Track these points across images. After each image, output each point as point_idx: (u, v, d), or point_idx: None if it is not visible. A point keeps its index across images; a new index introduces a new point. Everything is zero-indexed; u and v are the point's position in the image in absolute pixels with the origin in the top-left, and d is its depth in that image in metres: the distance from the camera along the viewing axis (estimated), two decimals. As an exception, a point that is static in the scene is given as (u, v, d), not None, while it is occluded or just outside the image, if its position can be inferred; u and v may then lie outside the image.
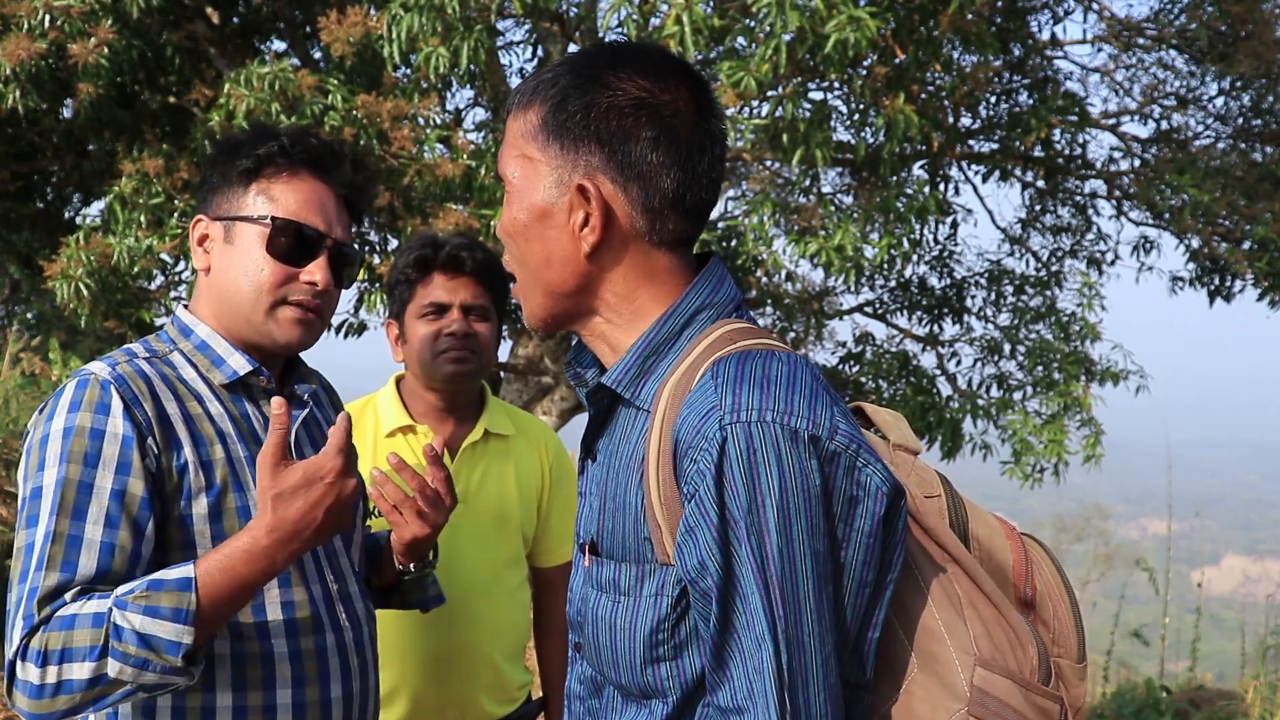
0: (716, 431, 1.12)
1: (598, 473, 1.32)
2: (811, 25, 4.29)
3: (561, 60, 1.31)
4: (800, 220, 5.44)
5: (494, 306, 2.43)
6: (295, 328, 1.72)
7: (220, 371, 1.71)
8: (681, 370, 1.22)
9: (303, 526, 1.53)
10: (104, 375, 1.60)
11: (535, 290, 1.31)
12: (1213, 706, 6.08)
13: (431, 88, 5.27)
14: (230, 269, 1.72)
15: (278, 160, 1.73)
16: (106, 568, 1.51)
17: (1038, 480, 6.44)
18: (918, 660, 1.19)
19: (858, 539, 1.14)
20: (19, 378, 7.06)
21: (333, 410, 1.98)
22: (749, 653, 1.12)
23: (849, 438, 1.15)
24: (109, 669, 1.45)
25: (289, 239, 1.70)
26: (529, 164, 1.28)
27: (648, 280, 1.28)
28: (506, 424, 2.50)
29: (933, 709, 1.17)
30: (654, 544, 1.20)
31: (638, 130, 1.24)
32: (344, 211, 1.80)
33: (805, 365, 1.20)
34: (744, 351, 1.20)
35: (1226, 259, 6.89)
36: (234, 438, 1.68)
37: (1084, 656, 1.33)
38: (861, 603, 1.16)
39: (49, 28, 4.81)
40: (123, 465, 1.55)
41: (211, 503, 1.63)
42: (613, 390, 1.28)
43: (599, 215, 1.24)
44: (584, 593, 1.31)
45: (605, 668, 1.27)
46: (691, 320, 1.27)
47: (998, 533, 1.34)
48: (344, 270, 1.79)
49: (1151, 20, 7.18)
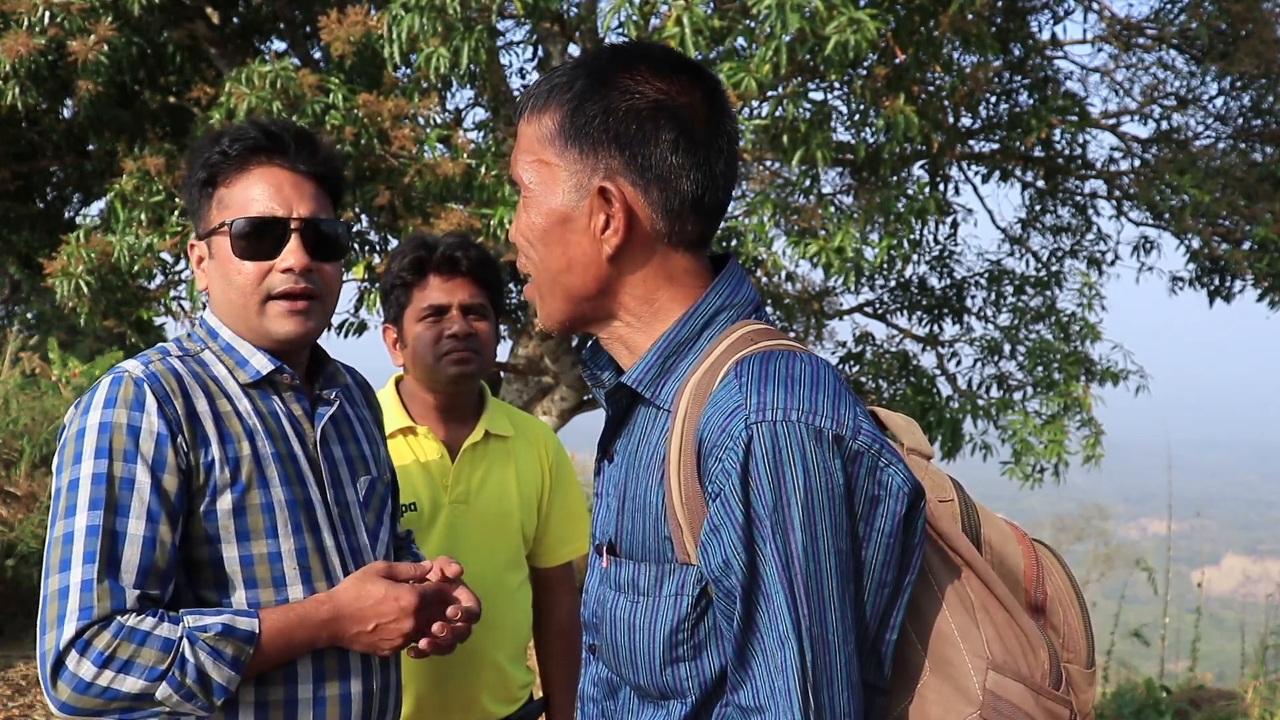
0: (742, 430, 1.12)
1: (615, 474, 1.32)
2: (812, 26, 4.29)
3: (573, 63, 1.29)
4: (800, 221, 5.44)
5: (491, 304, 2.43)
6: (289, 319, 1.72)
7: (245, 372, 1.74)
8: (703, 370, 1.22)
9: (357, 625, 1.66)
10: (138, 373, 1.65)
11: (555, 294, 1.30)
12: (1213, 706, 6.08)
13: (432, 88, 5.28)
14: (218, 281, 1.75)
15: (225, 163, 1.74)
16: (149, 563, 1.56)
17: (1038, 480, 6.44)
18: (931, 663, 1.19)
19: (878, 539, 1.14)
20: (19, 377, 7.07)
21: (367, 408, 1.98)
22: (772, 651, 1.12)
23: (871, 438, 1.15)
24: (159, 692, 1.52)
25: (250, 235, 1.70)
26: (546, 169, 1.27)
27: (667, 282, 1.28)
28: (506, 424, 2.50)
29: (945, 712, 1.18)
30: (674, 543, 1.20)
31: (657, 133, 1.23)
32: (312, 187, 1.76)
33: (827, 366, 1.20)
34: (767, 351, 1.20)
35: (1226, 259, 6.90)
36: (261, 435, 1.70)
37: (1093, 662, 1.33)
38: (880, 603, 1.16)
39: (49, 24, 4.81)
40: (159, 462, 1.60)
41: (236, 498, 1.66)
42: (632, 390, 1.28)
43: (621, 218, 1.24)
44: (601, 594, 1.31)
45: (623, 668, 1.27)
46: (712, 321, 1.27)
47: (1009, 538, 1.34)
48: (326, 246, 1.76)
49: (1151, 20, 7.19)
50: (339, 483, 1.79)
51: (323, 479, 1.77)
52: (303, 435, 1.77)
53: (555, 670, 2.60)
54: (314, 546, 1.72)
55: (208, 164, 1.74)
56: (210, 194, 1.75)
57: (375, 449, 1.93)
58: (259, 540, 1.67)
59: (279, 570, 1.68)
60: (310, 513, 1.73)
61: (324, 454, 1.78)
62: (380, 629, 1.66)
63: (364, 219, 5.77)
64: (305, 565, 1.70)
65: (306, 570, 1.70)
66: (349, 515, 1.80)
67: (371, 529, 1.84)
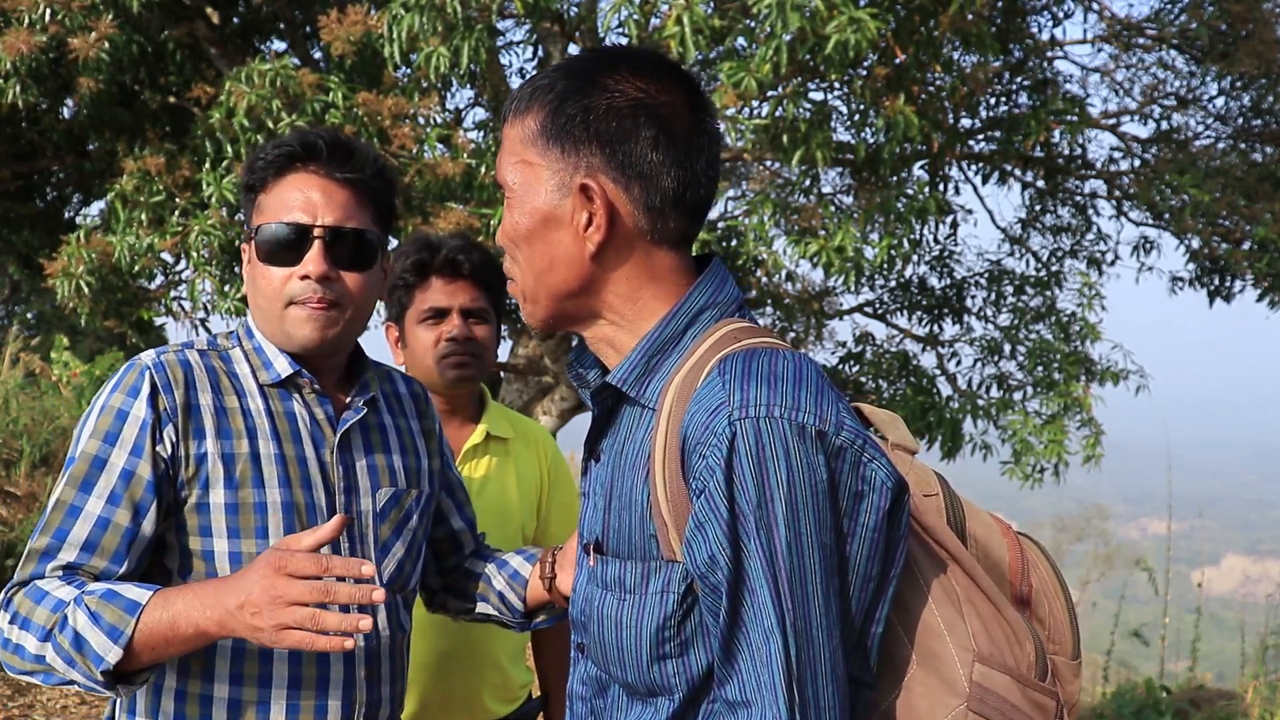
0: (726, 427, 1.13)
1: (601, 472, 1.33)
2: (812, 26, 4.29)
3: (556, 66, 1.31)
4: (800, 220, 5.44)
5: (493, 307, 2.43)
6: (307, 325, 1.72)
7: (268, 373, 1.75)
8: (686, 368, 1.23)
9: (233, 599, 1.46)
10: (147, 360, 1.69)
11: (539, 294, 1.31)
12: (1213, 706, 6.08)
13: (432, 87, 5.28)
14: (251, 285, 1.79)
15: (265, 169, 1.77)
16: (96, 540, 1.59)
17: (1038, 480, 6.45)
18: (917, 657, 1.20)
19: (862, 533, 1.15)
20: (19, 377, 7.07)
21: (417, 419, 1.93)
22: (757, 646, 1.12)
23: (854, 433, 1.16)
24: (47, 653, 1.54)
25: (274, 242, 1.72)
26: (529, 169, 1.28)
27: (650, 280, 1.29)
28: (506, 426, 2.51)
29: (932, 705, 1.19)
30: (660, 541, 1.21)
31: (637, 130, 1.24)
32: (345, 195, 1.77)
33: (810, 362, 1.21)
34: (750, 349, 1.21)
35: (1226, 259, 6.90)
36: (267, 435, 1.70)
37: (1078, 653, 1.34)
38: (865, 597, 1.17)
39: (49, 22, 4.82)
40: (137, 447, 1.62)
41: (229, 495, 1.66)
42: (617, 389, 1.29)
43: (603, 214, 1.25)
44: (588, 592, 1.31)
45: (611, 666, 1.28)
46: (695, 319, 1.28)
47: (994, 531, 1.35)
48: (351, 254, 1.75)
49: (1152, 20, 7.19)
50: (354, 491, 1.76)
51: (334, 486, 1.73)
52: (321, 440, 1.75)
53: (553, 670, 2.60)
54: None
55: (251, 169, 1.79)
56: (252, 200, 1.79)
57: (414, 461, 1.87)
58: (249, 539, 1.65)
59: None
60: (306, 518, 1.69)
61: (341, 460, 1.76)
62: (262, 609, 1.43)
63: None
64: None
65: None
66: (358, 525, 1.76)
67: (385, 542, 1.78)
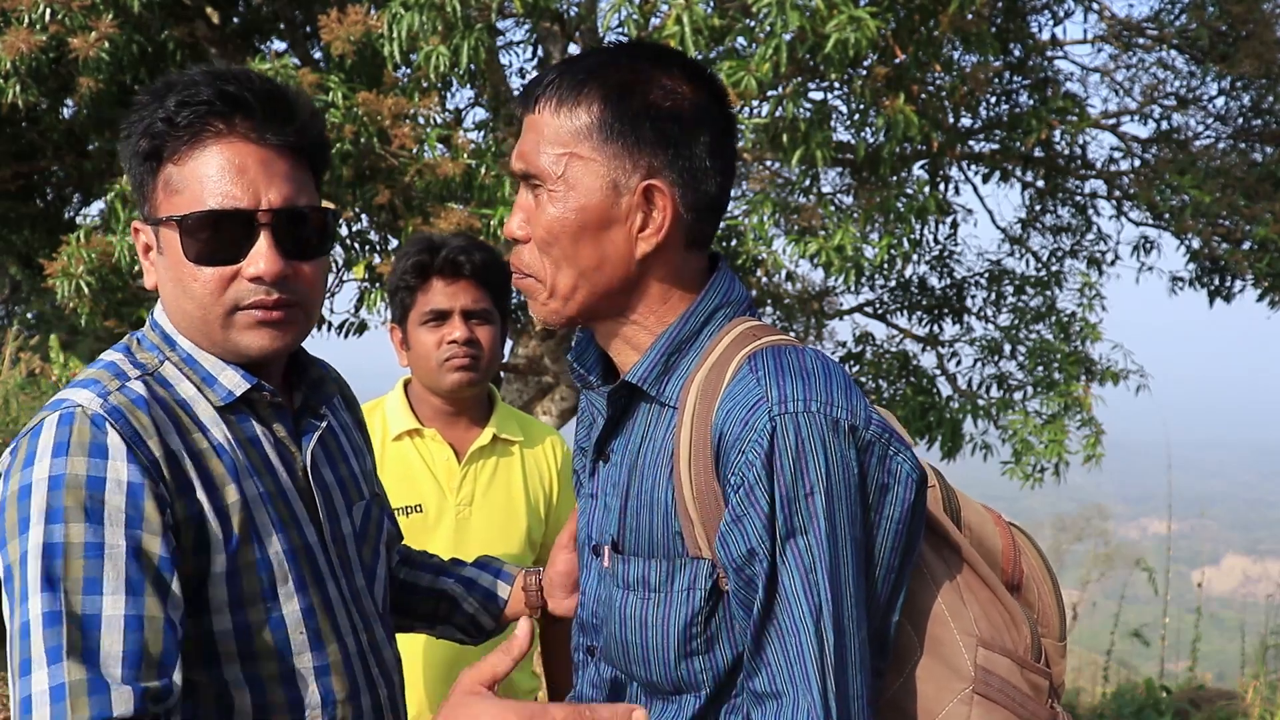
0: (765, 423, 1.15)
1: (613, 473, 1.33)
2: (812, 25, 4.29)
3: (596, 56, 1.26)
4: (800, 220, 5.44)
5: (495, 308, 2.42)
6: (261, 333, 1.37)
7: (214, 392, 1.38)
8: (707, 366, 1.24)
9: None
10: (94, 408, 1.27)
11: (578, 291, 1.27)
12: (1213, 706, 6.08)
13: (432, 87, 5.27)
14: (168, 284, 1.39)
15: (173, 132, 1.33)
16: (137, 648, 1.20)
17: (1038, 480, 6.44)
18: (922, 643, 1.23)
19: (888, 525, 1.17)
20: (19, 378, 7.07)
21: (346, 410, 1.66)
22: (791, 638, 1.14)
23: (881, 427, 1.19)
24: None
25: (205, 235, 1.33)
26: (580, 163, 1.24)
27: (679, 281, 1.29)
28: (514, 428, 2.50)
29: (938, 689, 1.21)
30: (685, 538, 1.22)
31: (698, 134, 1.25)
32: (285, 164, 1.37)
33: (831, 359, 1.24)
34: (775, 345, 1.23)
35: (1226, 259, 6.90)
36: (246, 471, 1.37)
37: (1065, 635, 1.38)
38: (887, 589, 1.19)
39: (50, 21, 4.81)
40: (133, 519, 1.24)
41: (230, 558, 1.33)
42: (635, 388, 1.29)
43: (667, 219, 1.24)
44: (603, 593, 1.31)
45: (633, 666, 1.27)
46: (711, 318, 1.29)
47: (987, 520, 1.39)
48: (304, 240, 1.39)
49: (1152, 20, 7.19)
50: (334, 515, 1.48)
51: (318, 514, 1.45)
52: (290, 463, 1.43)
53: (559, 674, 2.60)
54: (320, 602, 1.41)
55: (150, 132, 1.34)
56: (155, 170, 1.36)
57: (363, 461, 1.63)
58: (255, 606, 1.34)
59: (282, 637, 1.36)
60: (312, 561, 1.42)
61: (316, 482, 1.46)
62: None
63: (364, 218, 5.77)
64: (314, 627, 1.39)
65: (316, 633, 1.39)
66: (344, 553, 1.49)
67: (368, 565, 1.54)
